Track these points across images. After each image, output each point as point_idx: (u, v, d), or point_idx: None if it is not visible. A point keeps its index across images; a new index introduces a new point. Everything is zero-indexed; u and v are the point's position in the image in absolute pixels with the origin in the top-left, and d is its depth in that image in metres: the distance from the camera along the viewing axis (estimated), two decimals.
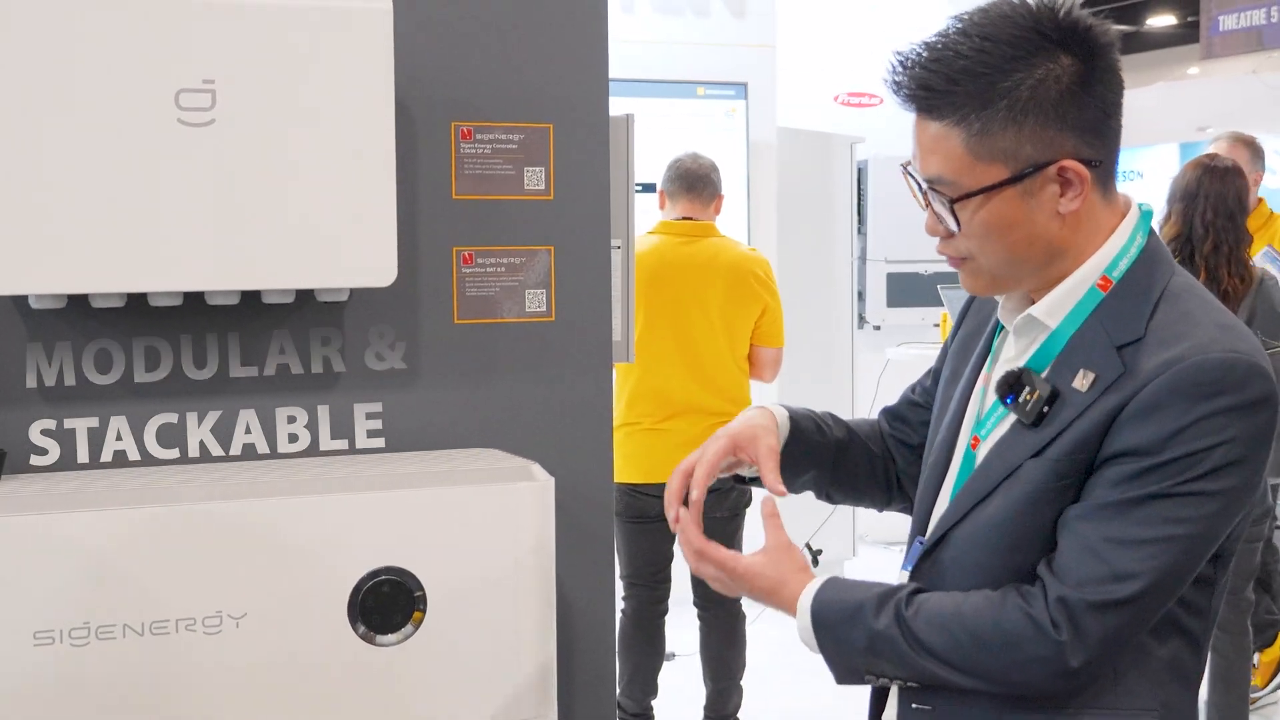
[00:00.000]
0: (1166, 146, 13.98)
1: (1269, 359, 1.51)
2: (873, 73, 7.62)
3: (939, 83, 1.50)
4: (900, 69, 1.53)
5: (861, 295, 7.04)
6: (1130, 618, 1.47)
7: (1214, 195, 4.01)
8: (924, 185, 1.56)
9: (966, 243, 1.57)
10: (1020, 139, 1.50)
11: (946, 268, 1.68)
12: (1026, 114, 1.49)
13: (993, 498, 1.57)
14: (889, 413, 1.93)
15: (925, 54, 1.52)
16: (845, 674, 1.59)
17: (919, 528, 1.72)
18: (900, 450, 1.90)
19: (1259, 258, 4.14)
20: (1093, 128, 1.52)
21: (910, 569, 1.67)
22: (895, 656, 1.54)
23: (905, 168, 1.60)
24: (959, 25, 1.52)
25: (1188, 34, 18.71)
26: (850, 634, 1.56)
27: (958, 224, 1.55)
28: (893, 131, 6.85)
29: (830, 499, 1.91)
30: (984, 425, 1.64)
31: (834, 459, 1.86)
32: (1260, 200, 4.93)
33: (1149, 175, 13.81)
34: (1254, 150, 4.95)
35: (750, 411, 1.80)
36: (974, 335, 1.77)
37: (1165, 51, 18.85)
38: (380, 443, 2.07)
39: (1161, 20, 19.30)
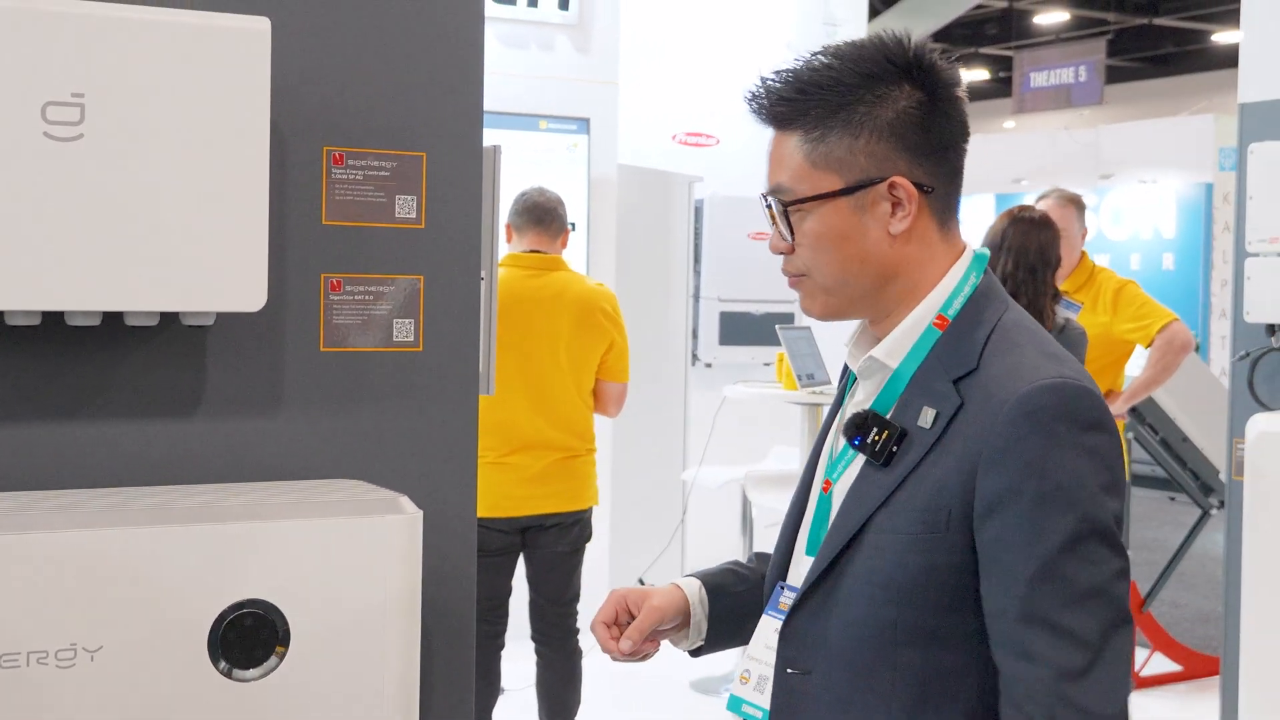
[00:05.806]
0: (982, 197, 14.48)
1: (1095, 383, 1.56)
2: (712, 113, 7.73)
3: (788, 92, 1.61)
4: (760, 86, 1.64)
5: (695, 333, 7.11)
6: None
7: (1016, 248, 4.13)
8: (768, 200, 1.64)
9: (803, 256, 1.63)
10: (855, 151, 1.58)
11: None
12: (862, 128, 1.58)
13: (857, 548, 1.57)
14: None
15: (783, 72, 1.63)
16: None
17: (779, 573, 1.73)
18: None
19: (1060, 308, 4.26)
20: (928, 155, 1.61)
21: (781, 616, 1.67)
22: None
23: (761, 197, 1.67)
24: (817, 51, 1.63)
25: (1001, 89, 19.47)
26: None
27: (791, 232, 1.62)
28: (730, 172, 6.97)
29: None
30: (835, 469, 1.66)
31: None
32: (1083, 254, 5.07)
33: (965, 224, 14.22)
34: (1079, 208, 5.11)
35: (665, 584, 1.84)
36: None
37: (982, 104, 19.58)
38: (243, 472, 2.00)
39: (976, 75, 20.04)
